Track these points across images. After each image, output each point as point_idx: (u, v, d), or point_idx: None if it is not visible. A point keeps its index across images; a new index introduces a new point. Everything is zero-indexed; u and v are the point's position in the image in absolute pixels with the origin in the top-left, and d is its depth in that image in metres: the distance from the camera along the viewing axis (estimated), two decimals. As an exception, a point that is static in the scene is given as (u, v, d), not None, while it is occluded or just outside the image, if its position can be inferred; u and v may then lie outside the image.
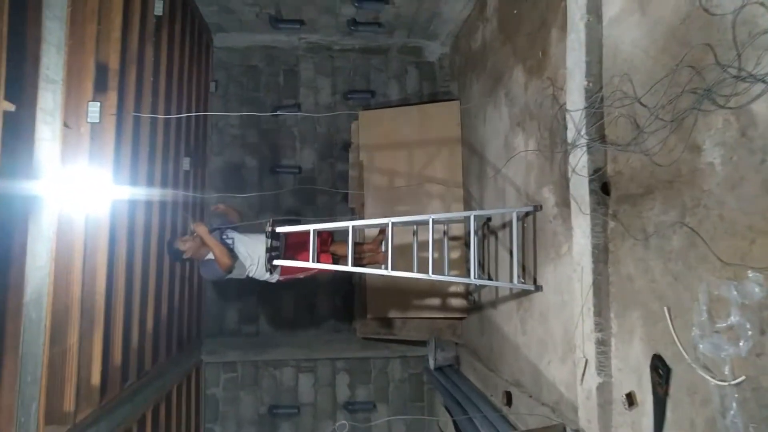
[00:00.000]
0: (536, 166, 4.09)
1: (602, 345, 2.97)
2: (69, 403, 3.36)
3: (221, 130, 7.01)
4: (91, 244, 3.68)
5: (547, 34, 3.92)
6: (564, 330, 3.55)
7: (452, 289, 6.13)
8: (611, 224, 3.00)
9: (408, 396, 7.02)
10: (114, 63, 3.86)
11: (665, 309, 2.48)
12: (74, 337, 3.40)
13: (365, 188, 6.59)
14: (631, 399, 2.72)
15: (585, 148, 3.08)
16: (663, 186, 2.55)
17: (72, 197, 3.27)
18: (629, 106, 2.80)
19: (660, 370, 2.48)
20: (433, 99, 7.05)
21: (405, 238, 5.15)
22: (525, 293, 4.22)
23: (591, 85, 3.10)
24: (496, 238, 4.99)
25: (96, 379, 3.75)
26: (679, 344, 2.38)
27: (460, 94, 6.66)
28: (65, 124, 3.08)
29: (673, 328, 2.43)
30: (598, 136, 3.07)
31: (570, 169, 3.27)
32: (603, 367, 2.95)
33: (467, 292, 6.03)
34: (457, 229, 5.90)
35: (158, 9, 4.62)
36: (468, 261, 5.96)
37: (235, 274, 4.56)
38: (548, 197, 3.86)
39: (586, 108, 3.08)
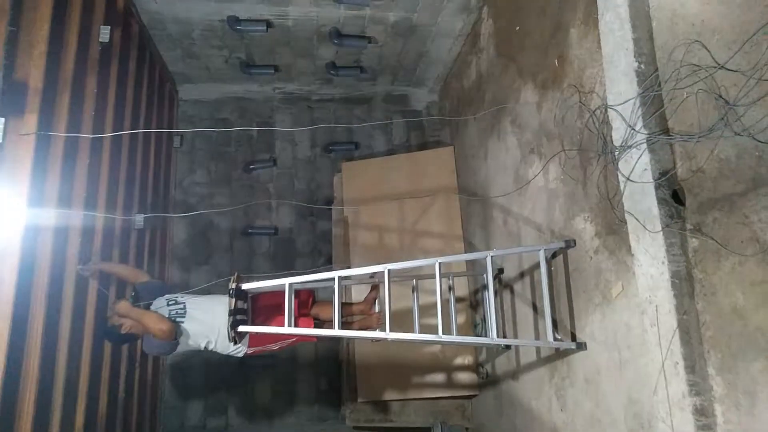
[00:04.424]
0: (563, 194, 3.33)
1: (703, 415, 2.06)
2: None
3: (186, 189, 6.22)
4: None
5: (565, 37, 3.30)
6: (628, 399, 2.63)
7: (458, 360, 5.15)
8: (693, 242, 2.20)
9: (411, 497, 5.80)
10: (36, 81, 3.10)
11: (821, 351, 1.63)
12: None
13: (351, 247, 5.74)
14: (769, 498, 1.80)
15: (644, 146, 2.33)
16: (784, 171, 1.78)
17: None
18: (707, 78, 2.09)
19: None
20: (423, 149, 6.39)
21: (401, 301, 4.25)
22: (559, 355, 3.32)
23: (643, 66, 2.40)
24: (512, 292, 4.13)
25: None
26: None
27: (453, 139, 6.02)
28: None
29: (842, 380, 1.57)
30: (660, 129, 2.34)
31: (621, 180, 2.50)
32: (710, 448, 2.03)
33: (477, 364, 5.06)
34: (460, 289, 5.01)
35: (104, 36, 3.96)
36: (476, 326, 5.05)
37: (190, 345, 3.60)
38: (584, 228, 3.06)
39: (640, 95, 2.36)
